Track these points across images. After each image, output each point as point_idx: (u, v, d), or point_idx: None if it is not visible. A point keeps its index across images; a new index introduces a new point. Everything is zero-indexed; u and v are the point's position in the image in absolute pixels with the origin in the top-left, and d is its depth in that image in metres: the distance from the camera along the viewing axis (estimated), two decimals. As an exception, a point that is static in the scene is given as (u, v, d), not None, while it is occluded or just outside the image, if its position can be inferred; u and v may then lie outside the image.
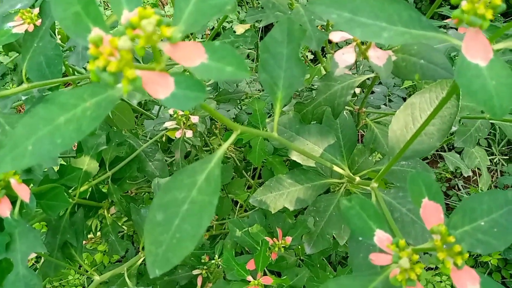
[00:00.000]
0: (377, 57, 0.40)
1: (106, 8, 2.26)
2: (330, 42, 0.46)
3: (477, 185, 1.71)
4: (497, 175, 1.74)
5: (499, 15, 2.09)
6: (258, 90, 1.51)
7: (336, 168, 0.50)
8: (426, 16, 0.60)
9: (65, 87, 0.81)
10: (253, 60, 1.85)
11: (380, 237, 0.33)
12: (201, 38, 1.88)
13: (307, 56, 1.88)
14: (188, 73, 0.25)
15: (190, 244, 0.30)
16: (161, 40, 0.24)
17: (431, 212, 0.32)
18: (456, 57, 0.65)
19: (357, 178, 0.53)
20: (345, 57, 0.42)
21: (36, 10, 0.63)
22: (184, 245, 0.30)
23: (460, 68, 0.26)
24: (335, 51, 0.43)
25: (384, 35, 0.31)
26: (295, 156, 0.57)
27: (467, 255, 0.31)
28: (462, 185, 1.75)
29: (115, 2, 0.27)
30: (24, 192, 0.41)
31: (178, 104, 0.23)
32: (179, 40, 0.24)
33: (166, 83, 0.24)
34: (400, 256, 0.31)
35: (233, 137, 0.36)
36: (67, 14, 0.26)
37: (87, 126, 0.26)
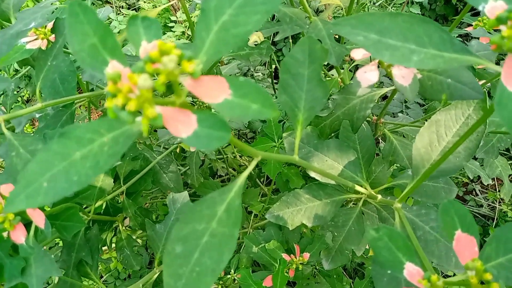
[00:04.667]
0: (402, 76, 0.39)
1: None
2: (351, 59, 0.44)
3: (495, 189, 1.68)
4: (516, 179, 1.70)
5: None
6: (272, 94, 1.50)
7: (358, 188, 0.48)
8: (450, 28, 0.58)
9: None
10: (265, 64, 1.83)
11: (410, 270, 0.31)
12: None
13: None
14: (211, 111, 0.23)
15: (210, 279, 0.29)
16: (182, 74, 0.23)
17: (465, 245, 0.30)
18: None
19: (379, 197, 0.52)
20: (367, 76, 0.41)
21: (50, 25, 0.63)
22: (204, 280, 0.29)
23: (500, 99, 0.25)
24: (350, 69, 0.41)
25: (414, 58, 0.30)
26: (313, 174, 0.55)
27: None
28: (479, 190, 1.71)
29: (133, 32, 0.26)
30: (39, 218, 0.41)
31: (200, 143, 0.22)
32: (201, 74, 0.23)
33: (189, 121, 0.23)
34: (432, 293, 0.29)
35: (253, 164, 0.34)
36: (83, 46, 0.25)
37: (105, 163, 0.25)
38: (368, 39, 0.30)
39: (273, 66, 1.61)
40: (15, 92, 0.97)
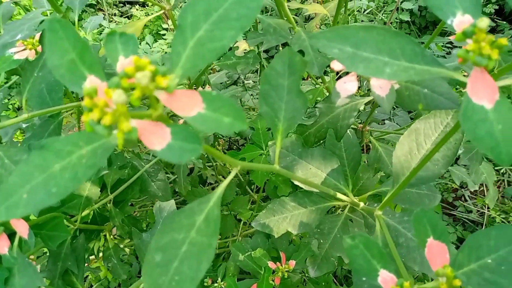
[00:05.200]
0: (380, 87, 0.40)
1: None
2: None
3: (484, 195, 1.69)
4: (504, 185, 1.72)
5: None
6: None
7: (340, 195, 0.49)
8: (431, 37, 0.59)
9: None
10: (256, 72, 1.84)
11: (385, 277, 0.32)
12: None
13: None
14: (185, 124, 0.24)
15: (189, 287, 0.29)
16: (157, 88, 0.24)
17: (437, 252, 0.31)
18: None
19: (361, 204, 0.52)
20: (347, 86, 0.42)
21: (38, 36, 0.63)
22: (184, 288, 0.29)
23: (465, 110, 0.25)
24: (337, 79, 0.42)
25: (387, 70, 0.30)
26: (297, 182, 0.56)
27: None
28: (469, 196, 1.73)
29: (111, 48, 0.26)
30: (22, 228, 0.41)
31: (174, 156, 0.23)
32: (176, 88, 0.24)
33: (163, 134, 0.24)
34: (406, 299, 0.30)
35: (233, 174, 0.35)
36: (62, 62, 0.25)
37: (83, 174, 0.26)
38: (343, 52, 0.31)
39: (264, 74, 1.62)
40: (6, 100, 0.97)
